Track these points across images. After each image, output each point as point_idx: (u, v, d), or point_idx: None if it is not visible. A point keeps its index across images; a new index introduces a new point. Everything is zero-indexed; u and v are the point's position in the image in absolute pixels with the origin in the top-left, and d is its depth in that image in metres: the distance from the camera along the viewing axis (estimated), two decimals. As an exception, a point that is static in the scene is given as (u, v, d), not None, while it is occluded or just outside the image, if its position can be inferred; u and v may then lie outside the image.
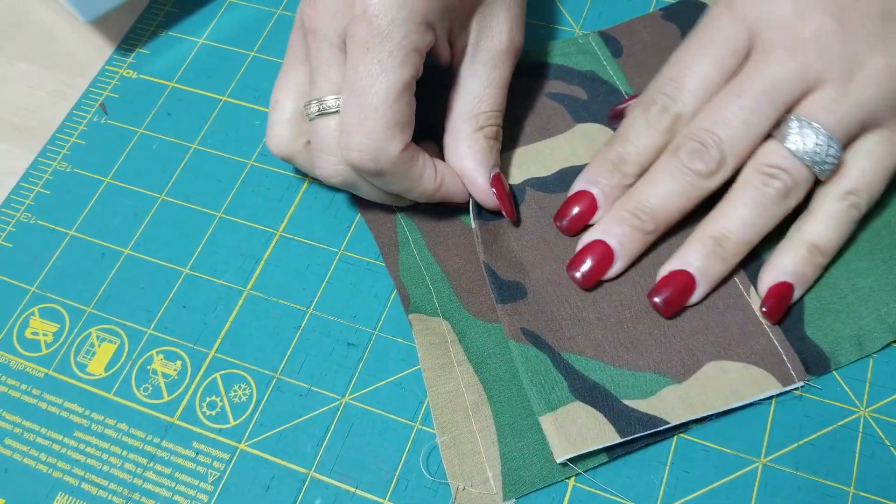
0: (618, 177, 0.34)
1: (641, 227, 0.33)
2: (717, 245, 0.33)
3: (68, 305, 0.37)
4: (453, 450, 0.31)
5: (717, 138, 0.32)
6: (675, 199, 0.33)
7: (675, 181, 0.33)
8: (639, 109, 0.34)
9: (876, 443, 0.31)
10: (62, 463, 0.33)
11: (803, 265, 0.33)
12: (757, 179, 0.32)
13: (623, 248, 0.34)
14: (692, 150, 0.32)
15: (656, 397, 0.31)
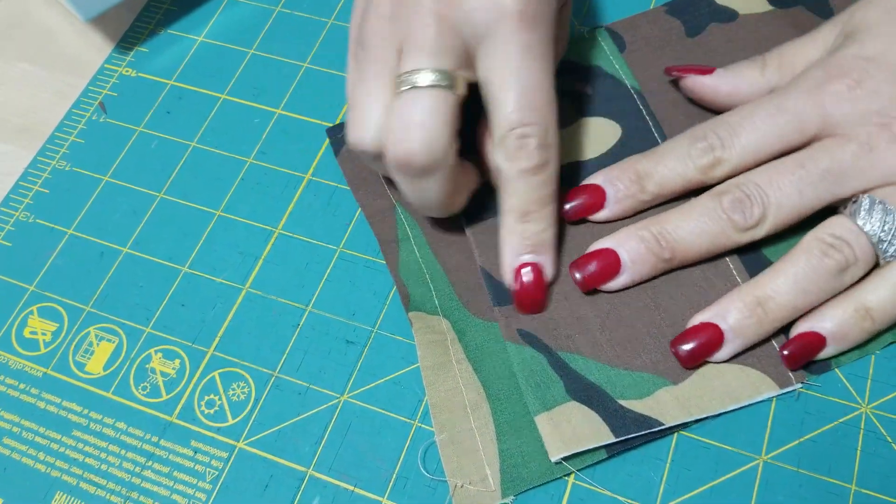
0: (636, 188, 0.34)
1: (659, 252, 0.33)
2: (759, 306, 0.31)
3: (67, 304, 0.37)
4: (452, 448, 0.31)
5: (765, 197, 0.32)
6: (701, 239, 0.32)
7: (709, 223, 0.32)
8: (685, 138, 0.34)
9: (878, 439, 0.31)
10: (60, 462, 0.33)
11: (846, 324, 0.31)
12: (816, 248, 0.31)
13: (633, 265, 0.33)
14: (736, 200, 0.32)
15: (652, 398, 0.31)
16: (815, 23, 0.39)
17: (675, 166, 0.33)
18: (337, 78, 0.42)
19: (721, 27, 0.40)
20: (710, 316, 0.32)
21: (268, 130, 0.41)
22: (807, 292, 0.31)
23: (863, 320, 0.31)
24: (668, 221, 0.33)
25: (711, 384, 0.32)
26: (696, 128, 0.34)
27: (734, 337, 0.31)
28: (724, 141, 0.33)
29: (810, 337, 0.31)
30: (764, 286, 0.31)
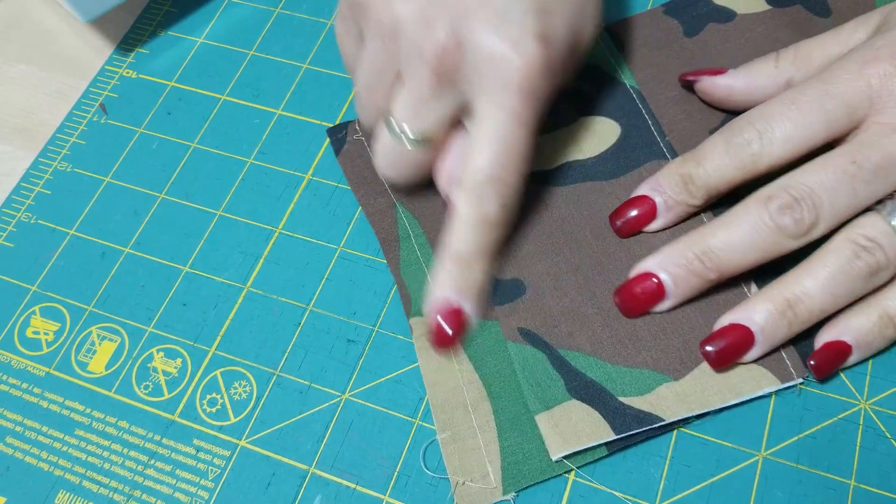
0: (685, 194, 0.33)
1: (703, 274, 0.31)
2: (789, 308, 0.30)
3: (69, 304, 0.37)
4: (453, 445, 0.31)
5: (817, 199, 0.30)
6: (749, 253, 0.31)
7: (756, 234, 0.30)
8: (722, 135, 0.32)
9: (877, 435, 0.31)
10: (63, 461, 0.33)
11: (870, 332, 0.31)
12: (848, 249, 0.30)
13: (677, 289, 0.32)
14: (785, 206, 0.30)
15: (653, 394, 0.31)
16: (813, 22, 0.40)
17: (716, 168, 0.32)
18: (336, 78, 0.42)
19: (719, 27, 0.40)
20: (740, 317, 0.31)
21: (268, 131, 0.41)
22: (836, 296, 0.30)
23: (886, 328, 0.31)
24: (713, 236, 0.31)
25: (712, 379, 0.32)
26: (735, 120, 0.32)
27: (764, 339, 0.31)
28: (762, 135, 0.31)
29: (836, 346, 0.31)
30: (793, 287, 0.31)
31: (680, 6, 0.42)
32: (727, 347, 0.31)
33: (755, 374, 0.32)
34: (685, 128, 0.38)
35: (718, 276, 0.32)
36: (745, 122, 0.32)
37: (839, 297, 0.30)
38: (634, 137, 0.37)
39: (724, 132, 0.32)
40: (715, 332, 0.31)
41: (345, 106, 0.41)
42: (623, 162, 0.37)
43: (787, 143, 0.31)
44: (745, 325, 0.31)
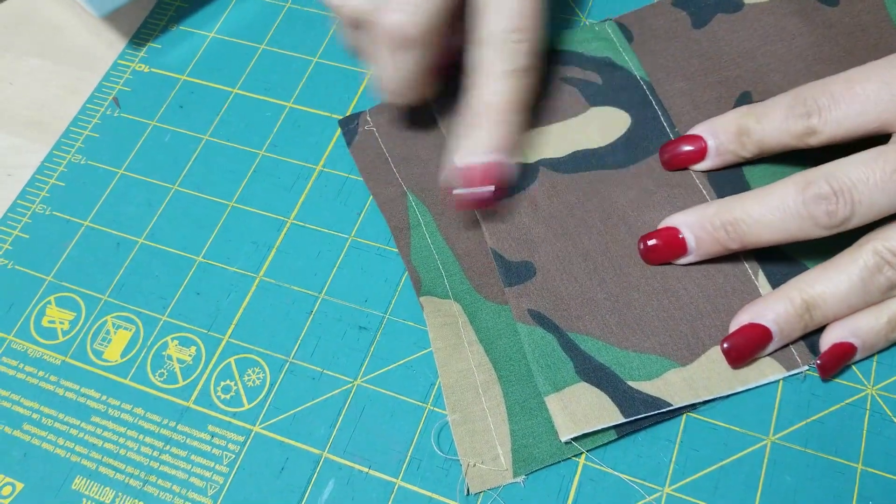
0: (737, 144, 0.34)
1: (726, 243, 0.32)
2: (806, 310, 0.31)
3: (84, 294, 0.37)
4: (464, 427, 0.32)
5: (856, 196, 0.29)
6: (776, 232, 0.31)
7: (787, 217, 0.30)
8: (787, 99, 0.32)
9: (883, 420, 0.31)
10: (80, 447, 0.34)
11: (877, 335, 0.31)
12: (872, 261, 0.30)
13: (698, 250, 0.33)
14: (822, 196, 0.30)
15: (661, 379, 0.32)
16: (820, 11, 0.40)
17: (775, 128, 0.32)
18: (347, 72, 0.42)
19: (727, 17, 0.41)
20: (759, 317, 0.32)
21: (279, 123, 0.41)
22: (852, 306, 0.31)
23: (892, 332, 0.31)
24: (740, 209, 0.31)
25: (719, 367, 0.32)
26: (802, 88, 0.32)
27: (780, 339, 0.32)
28: (822, 111, 0.31)
29: (843, 347, 0.31)
30: (812, 289, 0.31)
31: (687, -2, 0.42)
32: (745, 346, 0.32)
33: (761, 363, 0.32)
34: (693, 118, 0.38)
35: (740, 247, 0.32)
36: (809, 94, 0.32)
37: (853, 307, 0.31)
38: (644, 128, 0.38)
39: (789, 97, 0.32)
40: (734, 332, 0.32)
41: (355, 98, 0.42)
42: (632, 151, 0.37)
43: (842, 125, 0.31)
44: (764, 324, 0.31)
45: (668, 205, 0.35)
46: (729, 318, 0.33)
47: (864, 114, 0.30)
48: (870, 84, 0.31)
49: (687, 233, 0.33)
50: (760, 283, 0.34)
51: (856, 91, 0.31)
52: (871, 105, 0.30)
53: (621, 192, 0.36)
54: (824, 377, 0.32)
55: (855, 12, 0.40)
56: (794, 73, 0.38)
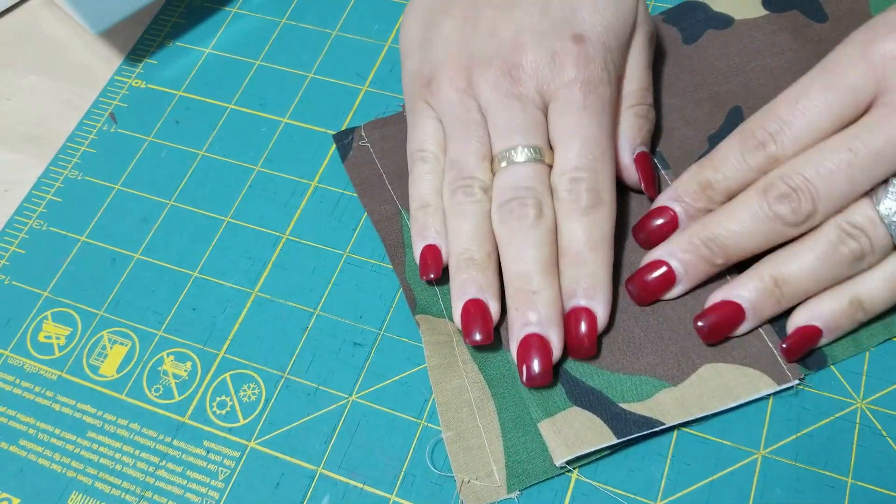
0: (704, 200, 0.33)
1: (710, 258, 0.33)
2: (776, 287, 0.32)
3: (80, 309, 0.38)
4: (458, 444, 0.32)
5: (813, 190, 0.30)
6: (751, 239, 0.32)
7: (756, 222, 0.31)
8: (736, 138, 0.33)
9: (873, 434, 0.32)
10: (76, 462, 0.34)
11: (841, 316, 0.32)
12: (835, 235, 0.31)
13: (687, 275, 0.33)
14: (783, 196, 0.31)
15: (652, 400, 0.32)
16: (810, 27, 0.41)
17: (733, 173, 0.32)
18: (341, 87, 0.43)
19: (717, 33, 0.41)
20: (730, 294, 0.32)
21: (274, 139, 0.42)
22: (820, 280, 0.31)
23: (856, 312, 0.32)
24: (716, 225, 0.32)
25: (710, 384, 0.32)
26: (746, 123, 0.33)
27: (753, 315, 0.32)
28: (774, 136, 0.32)
29: (808, 330, 0.32)
30: (782, 268, 0.32)
31: (679, 14, 0.42)
32: (719, 322, 0.32)
33: (752, 379, 0.32)
34: (684, 134, 0.38)
35: (725, 261, 0.33)
36: (756, 125, 0.32)
37: (822, 281, 0.32)
38: None
39: (738, 136, 0.33)
40: (707, 309, 0.33)
41: (350, 114, 0.42)
42: None
43: (798, 142, 0.31)
44: (735, 301, 0.32)
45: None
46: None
47: (819, 122, 0.31)
48: (813, 92, 0.31)
49: (671, 260, 0.33)
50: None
51: (802, 106, 0.31)
52: (823, 113, 0.31)
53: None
54: (790, 360, 0.32)
55: (843, 27, 0.40)
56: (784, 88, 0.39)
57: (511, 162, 0.33)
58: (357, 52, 0.44)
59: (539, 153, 0.33)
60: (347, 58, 0.44)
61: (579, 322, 0.32)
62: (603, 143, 0.33)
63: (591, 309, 0.32)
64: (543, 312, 0.32)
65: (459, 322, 0.33)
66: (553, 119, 0.34)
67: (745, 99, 0.39)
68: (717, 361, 0.33)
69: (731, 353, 0.33)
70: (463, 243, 0.33)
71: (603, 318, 0.33)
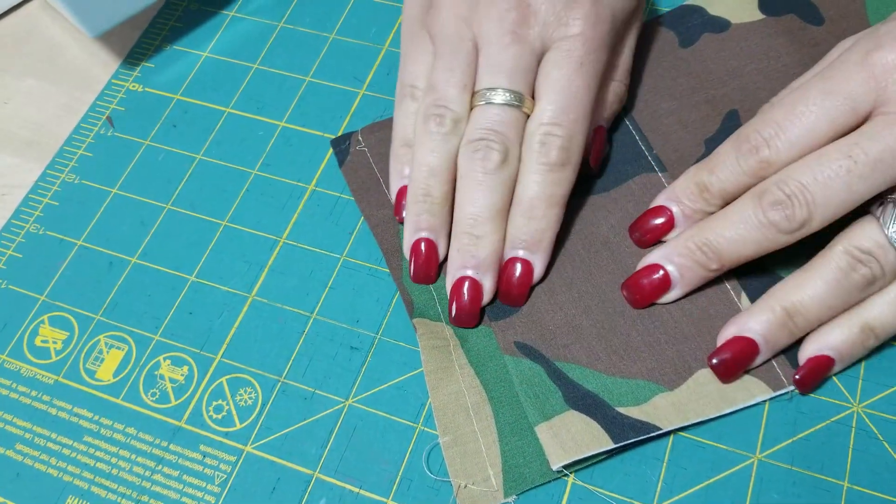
0: (700, 202, 0.33)
1: (706, 263, 0.32)
2: (789, 318, 0.31)
3: (77, 313, 0.38)
4: (455, 449, 0.32)
5: (809, 197, 0.30)
6: (746, 245, 0.31)
7: (751, 229, 0.31)
8: (732, 143, 0.33)
9: (869, 438, 0.32)
10: (72, 467, 0.34)
11: (852, 345, 0.31)
12: (845, 262, 0.30)
13: (683, 279, 0.33)
14: (777, 202, 0.30)
15: (649, 404, 0.32)
16: (806, 30, 0.41)
17: (728, 176, 0.32)
18: (339, 91, 0.43)
19: (714, 37, 0.41)
20: (743, 329, 0.32)
21: (272, 142, 0.42)
22: (832, 308, 0.31)
23: (867, 339, 0.31)
24: (710, 230, 0.32)
25: (706, 389, 0.32)
26: (743, 128, 0.33)
27: (767, 349, 0.32)
28: (769, 141, 0.31)
29: (820, 360, 0.32)
30: (793, 298, 0.31)
31: (675, 17, 0.42)
32: (733, 359, 0.32)
33: (748, 384, 0.32)
34: (681, 138, 0.38)
35: (720, 266, 0.32)
36: (752, 129, 0.32)
37: (834, 309, 0.31)
38: (622, 152, 0.38)
39: (734, 140, 0.33)
40: (721, 347, 0.32)
41: (347, 118, 0.42)
42: (612, 176, 0.38)
43: (793, 147, 0.31)
44: (748, 336, 0.32)
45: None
46: (714, 340, 0.33)
47: (816, 128, 0.31)
48: (811, 98, 0.31)
49: (667, 264, 0.33)
50: (743, 303, 0.34)
51: (799, 111, 0.31)
52: (820, 119, 0.30)
53: (602, 217, 0.37)
54: (803, 392, 0.32)
55: (839, 31, 0.41)
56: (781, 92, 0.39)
57: (489, 102, 0.33)
58: (354, 56, 0.44)
59: (519, 99, 0.33)
60: (345, 61, 0.44)
61: (515, 271, 0.34)
62: (586, 107, 0.34)
63: (530, 262, 0.34)
64: (482, 258, 0.33)
65: (407, 253, 0.35)
66: (546, 68, 0.34)
67: (741, 102, 0.39)
68: (714, 366, 0.33)
69: None
70: (424, 177, 0.34)
71: (538, 273, 0.34)
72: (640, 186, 0.37)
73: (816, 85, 0.31)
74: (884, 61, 0.30)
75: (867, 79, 0.30)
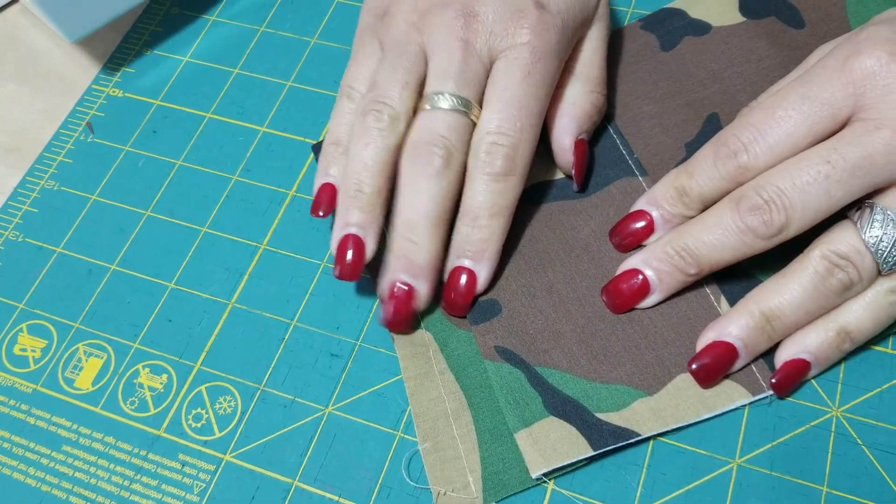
0: (680, 206, 0.33)
1: (684, 268, 0.32)
2: (767, 322, 0.31)
3: (56, 321, 0.37)
4: (435, 455, 0.32)
5: (787, 202, 0.30)
6: (724, 251, 0.31)
7: (728, 235, 0.31)
8: (711, 147, 0.32)
9: (848, 442, 0.32)
10: (50, 477, 0.34)
11: (828, 348, 0.31)
12: (822, 266, 0.30)
13: (661, 284, 0.33)
14: (754, 208, 0.30)
15: (628, 410, 0.32)
16: (787, 33, 0.41)
17: (706, 181, 0.32)
18: (320, 96, 0.43)
19: (695, 40, 0.41)
20: (721, 334, 0.32)
21: (252, 148, 0.41)
22: (810, 312, 0.31)
23: (843, 343, 0.31)
24: (689, 235, 0.32)
25: (685, 394, 0.32)
26: (722, 133, 0.33)
27: (746, 353, 0.32)
28: (747, 146, 0.31)
29: (796, 364, 0.32)
30: (770, 302, 0.31)
31: (657, 20, 0.42)
32: (713, 364, 0.32)
33: (727, 389, 0.32)
34: (661, 141, 0.38)
35: (698, 271, 0.32)
36: (731, 134, 0.32)
37: (812, 313, 0.31)
38: (603, 156, 0.38)
39: (713, 145, 0.33)
40: (700, 351, 0.32)
41: (327, 123, 0.42)
42: (593, 180, 0.38)
43: (772, 152, 0.31)
44: (727, 340, 0.32)
45: (632, 233, 0.36)
46: (693, 344, 0.33)
47: (794, 134, 0.30)
48: (790, 103, 0.31)
49: (646, 269, 0.33)
50: (723, 307, 0.34)
51: (778, 115, 0.31)
52: (798, 124, 0.30)
53: (583, 222, 0.36)
54: (780, 396, 0.32)
55: (821, 34, 0.41)
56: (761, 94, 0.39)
57: (435, 106, 0.33)
58: (336, 60, 0.44)
59: (466, 105, 0.33)
60: (326, 66, 0.44)
61: (459, 281, 0.34)
62: (534, 116, 0.34)
63: (474, 272, 0.34)
64: (419, 265, 0.33)
65: (334, 250, 0.34)
66: (494, 77, 0.34)
67: (722, 106, 0.39)
68: (694, 371, 0.33)
69: None
70: (357, 172, 0.34)
71: (483, 283, 0.34)
72: (621, 190, 0.37)
73: (796, 90, 0.31)
74: (863, 67, 0.30)
75: (846, 84, 0.30)
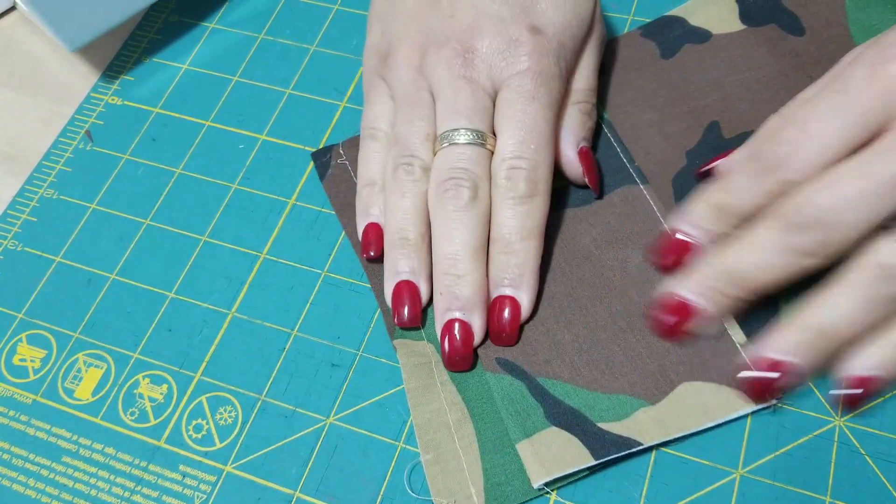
0: (720, 223, 0.32)
1: (735, 293, 0.32)
2: (822, 337, 0.30)
3: (55, 331, 0.37)
4: (437, 467, 0.32)
5: (830, 219, 0.29)
6: (771, 272, 0.31)
7: (775, 255, 0.30)
8: (746, 161, 0.32)
9: (851, 452, 0.31)
10: (50, 488, 0.34)
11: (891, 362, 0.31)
12: (873, 278, 0.30)
13: (715, 311, 0.32)
14: (801, 227, 0.30)
15: (630, 419, 0.32)
16: (787, 41, 0.41)
17: (745, 197, 0.32)
18: (320, 104, 0.43)
19: (695, 47, 0.41)
20: (776, 352, 0.31)
21: (252, 156, 0.41)
22: (864, 323, 0.30)
23: None
24: (734, 258, 0.31)
25: (688, 403, 0.32)
26: (756, 143, 0.32)
27: (805, 369, 0.31)
28: (785, 160, 0.31)
29: (868, 381, 0.31)
30: (824, 317, 0.30)
31: (657, 28, 0.42)
32: (769, 382, 0.31)
33: (730, 398, 0.32)
34: (662, 150, 0.38)
35: (747, 295, 0.32)
36: (768, 147, 0.31)
37: (866, 325, 0.31)
38: (603, 165, 0.38)
39: (750, 159, 0.32)
40: (760, 370, 0.31)
41: (327, 131, 0.42)
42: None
43: (809, 166, 0.30)
44: (784, 359, 0.31)
45: (631, 242, 0.36)
46: (696, 354, 0.33)
47: (830, 146, 0.30)
48: (823, 117, 0.30)
49: (694, 297, 0.32)
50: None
51: (812, 129, 0.30)
52: (833, 137, 0.30)
53: (584, 230, 0.36)
54: (849, 408, 0.32)
55: (821, 41, 0.41)
56: (762, 102, 0.39)
57: (452, 143, 0.34)
58: (335, 68, 0.44)
59: (481, 137, 0.34)
60: (326, 73, 0.44)
61: (503, 310, 0.33)
62: (546, 136, 0.34)
63: (516, 298, 0.34)
64: (466, 298, 0.33)
65: (389, 301, 0.34)
66: (501, 107, 0.34)
67: (722, 114, 0.39)
68: (695, 380, 0.33)
69: (709, 372, 0.33)
70: (398, 221, 0.34)
71: (527, 308, 0.34)
72: (622, 199, 0.37)
73: (827, 99, 0.30)
74: (893, 74, 0.29)
75: (878, 93, 0.29)
